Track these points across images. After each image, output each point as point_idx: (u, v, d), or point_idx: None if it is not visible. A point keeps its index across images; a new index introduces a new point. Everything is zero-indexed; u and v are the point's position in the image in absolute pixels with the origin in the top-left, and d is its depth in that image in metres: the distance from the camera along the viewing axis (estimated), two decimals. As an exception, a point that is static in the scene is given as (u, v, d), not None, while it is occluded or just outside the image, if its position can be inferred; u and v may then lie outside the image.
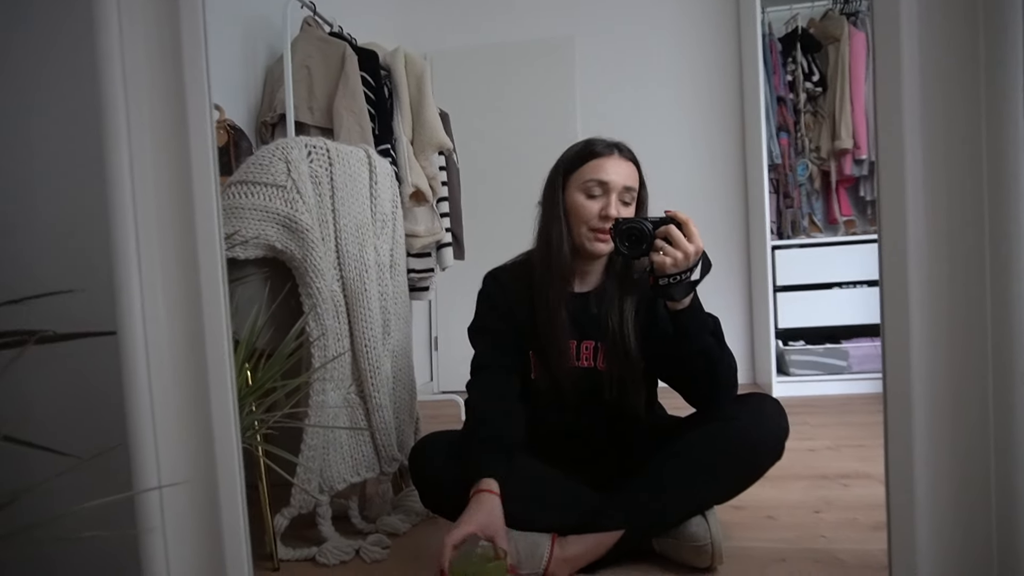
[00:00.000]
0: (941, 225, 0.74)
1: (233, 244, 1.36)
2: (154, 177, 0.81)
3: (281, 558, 1.45)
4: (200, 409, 0.77)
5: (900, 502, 0.76)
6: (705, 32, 3.59)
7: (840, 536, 1.44)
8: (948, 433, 0.74)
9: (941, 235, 0.74)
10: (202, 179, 0.79)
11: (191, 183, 0.80)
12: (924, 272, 0.74)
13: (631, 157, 1.43)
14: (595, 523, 1.31)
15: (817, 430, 2.44)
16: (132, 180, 0.80)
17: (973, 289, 0.74)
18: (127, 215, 0.78)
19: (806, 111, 3.29)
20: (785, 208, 3.34)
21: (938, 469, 0.75)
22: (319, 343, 1.50)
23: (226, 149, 1.89)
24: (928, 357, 0.74)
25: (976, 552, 0.73)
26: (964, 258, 0.74)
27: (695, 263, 1.24)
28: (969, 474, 0.74)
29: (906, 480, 0.75)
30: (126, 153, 0.80)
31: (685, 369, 1.34)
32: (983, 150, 0.73)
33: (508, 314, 1.45)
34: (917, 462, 0.74)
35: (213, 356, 0.76)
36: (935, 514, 0.74)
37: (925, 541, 0.74)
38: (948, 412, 0.74)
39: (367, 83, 2.33)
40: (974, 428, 0.74)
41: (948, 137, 0.74)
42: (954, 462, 0.74)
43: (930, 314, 0.74)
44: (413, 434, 1.81)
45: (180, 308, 0.77)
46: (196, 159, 0.79)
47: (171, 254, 0.78)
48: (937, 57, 0.74)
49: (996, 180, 0.72)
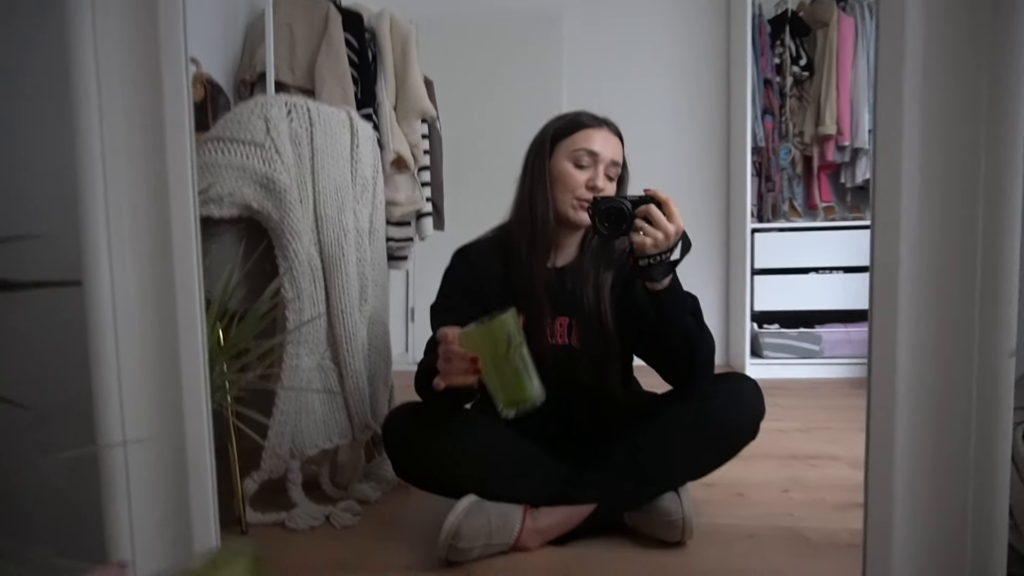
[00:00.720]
0: (935, 210, 0.74)
1: (207, 200, 1.32)
2: (125, 123, 0.77)
3: (249, 522, 1.43)
4: (169, 364, 0.75)
5: (878, 485, 0.76)
6: (694, 11, 3.56)
7: (807, 515, 1.46)
8: (930, 418, 0.74)
9: (934, 220, 0.74)
10: (175, 127, 0.76)
11: (164, 130, 0.76)
12: (915, 256, 0.74)
13: (618, 133, 1.42)
14: (568, 496, 1.31)
15: (788, 412, 2.47)
16: (101, 125, 0.76)
17: (964, 275, 0.73)
18: (95, 161, 0.74)
19: (792, 95, 3.29)
20: (766, 192, 3.35)
21: (919, 454, 0.75)
22: (293, 306, 1.47)
23: (203, 104, 1.83)
24: (914, 341, 0.73)
25: (951, 535, 0.74)
26: (956, 244, 0.73)
27: (675, 243, 1.22)
28: (949, 459, 0.74)
29: (885, 464, 0.75)
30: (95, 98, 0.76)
31: (663, 348, 1.33)
32: (982, 136, 0.72)
33: (476, 292, 1.41)
34: (898, 446, 0.74)
35: (183, 309, 0.74)
36: (913, 496, 0.74)
37: (902, 523, 0.74)
38: (932, 396, 0.74)
39: (351, 45, 2.27)
40: (956, 413, 0.74)
41: (947, 121, 0.73)
42: (935, 444, 0.74)
43: (918, 299, 0.74)
44: (387, 403, 1.79)
45: (150, 260, 0.74)
46: (169, 105, 0.76)
47: (141, 204, 0.74)
48: (941, 38, 0.73)
49: (993, 167, 0.71)
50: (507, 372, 1.09)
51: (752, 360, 3.23)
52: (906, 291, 0.72)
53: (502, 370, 1.09)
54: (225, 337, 1.30)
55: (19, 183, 0.88)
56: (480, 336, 1.09)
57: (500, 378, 1.09)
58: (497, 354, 1.08)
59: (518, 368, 1.09)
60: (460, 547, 1.22)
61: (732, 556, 1.26)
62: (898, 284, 0.71)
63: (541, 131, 1.44)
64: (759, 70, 3.25)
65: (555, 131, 1.40)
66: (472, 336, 1.10)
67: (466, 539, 1.22)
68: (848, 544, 1.30)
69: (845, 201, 3.41)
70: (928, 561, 0.73)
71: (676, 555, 1.27)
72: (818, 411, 2.50)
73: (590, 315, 1.38)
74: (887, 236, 0.72)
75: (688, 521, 1.27)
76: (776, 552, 1.28)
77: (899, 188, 0.72)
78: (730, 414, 1.33)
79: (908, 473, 0.73)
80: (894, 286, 0.72)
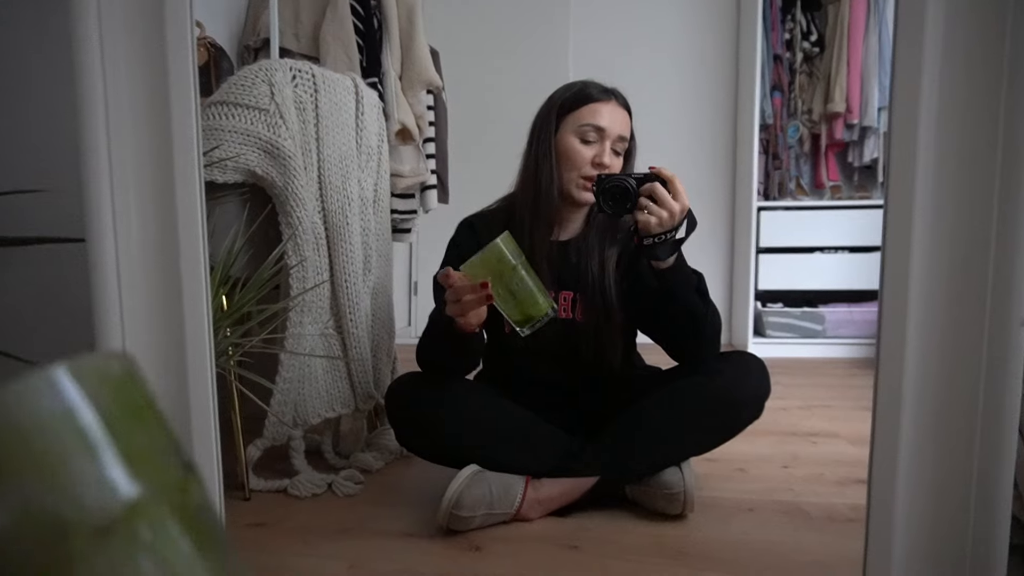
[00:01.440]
0: (950, 190, 0.72)
1: (210, 164, 1.31)
2: (128, 81, 0.76)
3: (252, 488, 1.44)
4: (173, 326, 0.74)
5: (883, 456, 0.76)
6: (705, -16, 3.50)
7: (807, 490, 1.46)
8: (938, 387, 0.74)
9: (949, 200, 0.72)
10: (179, 86, 0.74)
11: (168, 89, 0.75)
12: (927, 236, 0.72)
13: (625, 105, 1.39)
14: (570, 468, 1.31)
15: (789, 390, 2.47)
16: (104, 83, 0.75)
17: (976, 256, 0.72)
18: (98, 120, 0.73)
19: (801, 71, 3.25)
20: (773, 170, 3.32)
21: (924, 423, 0.74)
22: (297, 273, 1.46)
23: (206, 68, 1.81)
24: (925, 310, 0.73)
25: (954, 506, 0.74)
26: (969, 214, 0.72)
27: (680, 222, 1.21)
28: (954, 429, 0.74)
29: (891, 434, 0.75)
30: (98, 56, 0.75)
31: (669, 325, 1.33)
32: (1000, 115, 0.71)
33: None
34: (904, 415, 0.73)
35: (187, 270, 0.73)
36: (917, 467, 0.74)
37: (905, 493, 0.74)
38: (940, 364, 0.73)
39: (356, 12, 2.24)
40: (964, 381, 0.73)
41: (965, 94, 0.72)
42: (940, 416, 0.74)
43: (929, 279, 0.73)
44: (390, 374, 1.79)
45: (154, 219, 0.73)
46: (173, 64, 0.74)
47: (145, 162, 0.73)
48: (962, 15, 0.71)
49: (1011, 147, 0.70)
50: (516, 290, 1.12)
51: (755, 339, 3.23)
52: (919, 259, 0.71)
53: (511, 289, 1.12)
54: (228, 302, 1.30)
55: (23, 139, 0.87)
56: (481, 264, 1.11)
57: (512, 298, 1.12)
58: (503, 275, 1.11)
59: (526, 284, 1.12)
60: (461, 515, 1.22)
61: (731, 529, 1.27)
62: (911, 253, 0.71)
63: (547, 102, 1.41)
64: (769, 45, 3.21)
65: (561, 104, 1.38)
66: (474, 266, 1.12)
67: (467, 508, 1.22)
68: (847, 519, 1.30)
69: (852, 180, 3.39)
70: (931, 532, 0.73)
71: (676, 527, 1.27)
72: (820, 390, 2.50)
73: (594, 289, 1.37)
74: (901, 206, 0.71)
75: (689, 494, 1.28)
76: (775, 525, 1.28)
77: (914, 161, 0.70)
78: (735, 391, 1.33)
79: (913, 443, 0.73)
80: (906, 254, 0.71)
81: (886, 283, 0.74)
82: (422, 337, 1.33)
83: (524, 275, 1.12)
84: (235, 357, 1.23)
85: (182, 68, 0.72)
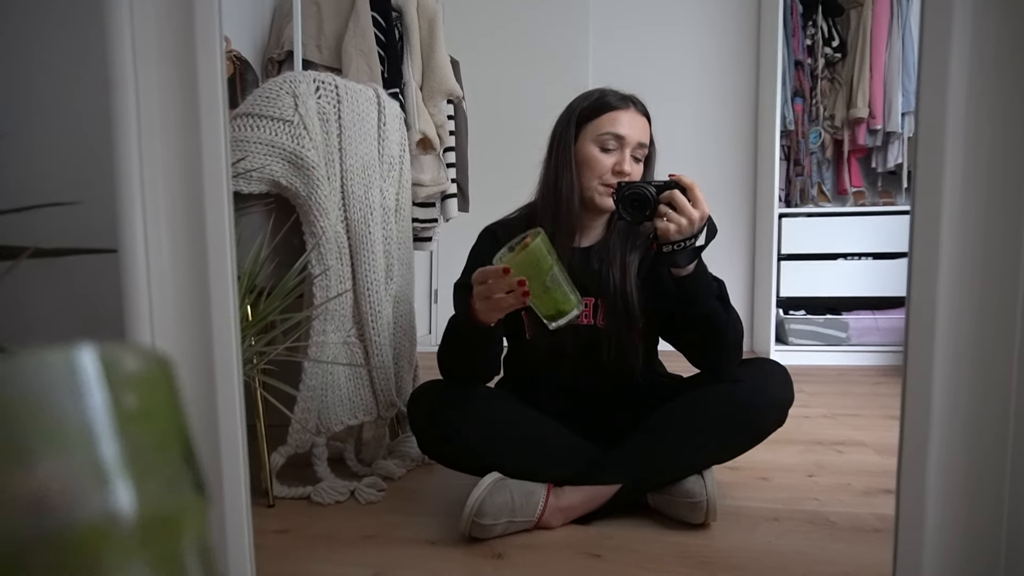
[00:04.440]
0: (979, 196, 0.72)
1: (236, 175, 1.33)
2: (159, 96, 0.78)
3: (276, 495, 1.46)
4: (202, 335, 0.76)
5: (911, 469, 0.75)
6: (725, -10, 3.50)
7: (832, 499, 1.45)
8: (966, 407, 0.73)
9: (979, 206, 0.72)
10: (209, 99, 0.76)
11: (198, 103, 0.77)
12: (956, 243, 0.72)
13: (644, 112, 1.39)
14: (592, 476, 1.31)
15: (813, 398, 2.45)
16: (137, 98, 0.77)
17: (1007, 265, 0.71)
18: (131, 133, 0.75)
19: (823, 77, 3.23)
20: (795, 176, 3.30)
21: (954, 438, 0.74)
22: (320, 282, 1.48)
23: (232, 81, 1.84)
24: (952, 324, 0.72)
25: (986, 521, 0.72)
26: (1000, 232, 0.71)
27: (700, 229, 1.21)
28: (985, 443, 0.73)
29: (919, 448, 0.74)
30: (131, 72, 0.77)
31: (690, 333, 1.33)
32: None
33: None
34: (933, 430, 0.72)
35: (216, 281, 0.74)
36: (946, 482, 0.73)
37: (935, 508, 0.73)
38: (968, 385, 0.72)
39: (377, 24, 2.27)
40: (994, 403, 0.72)
41: (995, 103, 0.71)
42: (970, 437, 0.73)
43: (958, 287, 0.72)
44: (412, 381, 1.81)
45: (184, 230, 0.74)
46: (203, 78, 0.76)
47: (175, 174, 0.75)
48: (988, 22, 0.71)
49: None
50: (551, 286, 1.13)
51: (777, 346, 3.20)
52: (946, 265, 0.70)
53: (546, 285, 1.13)
54: (253, 312, 1.32)
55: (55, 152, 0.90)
56: (522, 262, 1.12)
57: (545, 293, 1.13)
58: (541, 272, 1.12)
59: (559, 280, 1.13)
60: (483, 523, 1.22)
61: (755, 538, 1.26)
62: (939, 259, 0.70)
63: (566, 111, 1.42)
64: (790, 51, 3.19)
65: (580, 112, 1.38)
66: (515, 263, 1.12)
67: (489, 515, 1.22)
68: (874, 529, 1.29)
69: (876, 186, 3.35)
70: (962, 544, 0.72)
71: (699, 536, 1.26)
72: (844, 398, 2.47)
73: (615, 296, 1.37)
74: (928, 220, 0.71)
75: (712, 503, 1.27)
76: (800, 535, 1.27)
77: (942, 172, 0.70)
78: (758, 399, 1.32)
79: (943, 454, 0.72)
80: (934, 260, 0.70)
81: (913, 290, 0.74)
82: (441, 343, 1.34)
83: (558, 272, 1.13)
84: (260, 365, 1.24)
85: (211, 85, 0.74)
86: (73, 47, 0.92)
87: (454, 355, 1.33)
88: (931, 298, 0.72)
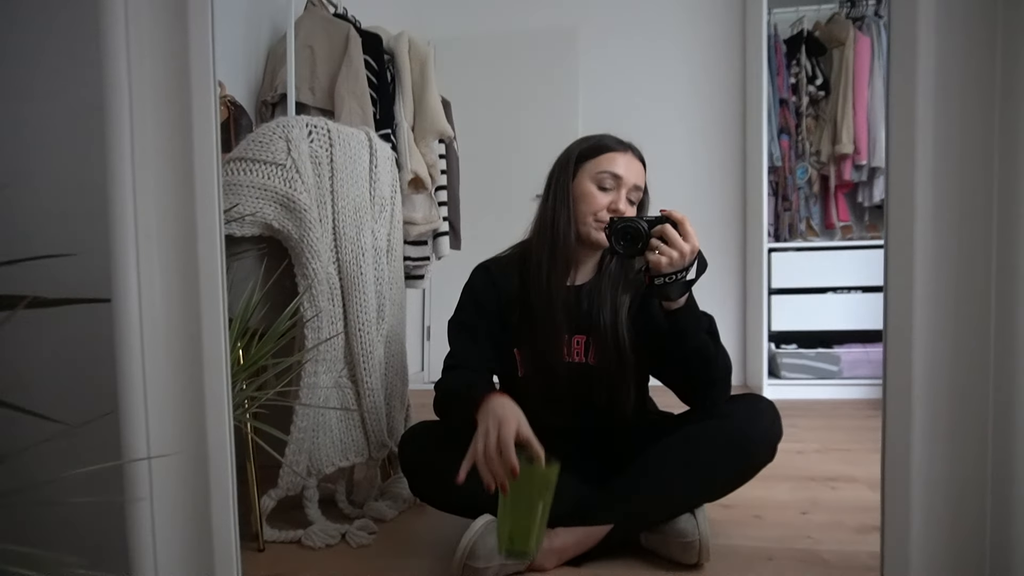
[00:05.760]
0: (949, 228, 0.74)
1: (229, 220, 1.35)
2: (154, 146, 0.79)
3: (267, 539, 1.44)
4: (193, 381, 0.76)
5: (895, 506, 0.75)
6: (710, 31, 3.59)
7: (826, 537, 1.44)
8: (946, 438, 0.74)
9: (949, 239, 0.74)
10: (203, 149, 0.78)
11: (192, 153, 0.78)
12: (930, 275, 0.74)
13: (641, 157, 1.43)
14: (585, 516, 1.31)
15: (806, 433, 2.45)
16: (132, 148, 0.78)
17: (978, 295, 0.73)
18: (125, 182, 0.77)
19: (808, 114, 3.29)
20: (783, 211, 3.34)
21: (934, 474, 0.75)
22: (312, 324, 1.49)
23: (226, 125, 1.87)
24: (930, 361, 0.73)
25: (968, 556, 0.73)
26: (970, 263, 0.74)
27: (691, 262, 1.23)
28: (966, 480, 0.74)
29: (902, 484, 0.75)
30: (127, 122, 0.79)
31: (679, 367, 1.34)
32: (995, 156, 0.73)
33: (494, 308, 1.43)
34: (914, 466, 0.73)
35: (208, 328, 0.75)
36: (929, 519, 0.74)
37: (919, 545, 0.73)
38: (947, 417, 0.73)
39: (370, 66, 2.31)
40: (973, 434, 0.73)
41: (960, 139, 0.74)
42: (951, 467, 0.74)
43: (934, 318, 0.74)
44: (404, 421, 1.80)
45: (176, 279, 0.76)
46: (198, 128, 0.78)
47: (169, 224, 0.76)
48: (952, 58, 0.74)
49: (1007, 186, 0.72)
50: (525, 515, 1.10)
51: (770, 380, 3.21)
52: (921, 308, 0.72)
53: (521, 510, 1.10)
54: (245, 355, 1.32)
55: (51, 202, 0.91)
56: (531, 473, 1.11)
57: (514, 515, 1.11)
58: (530, 495, 1.10)
59: (536, 518, 1.11)
60: (476, 566, 1.21)
61: (750, 578, 1.25)
62: (913, 302, 0.72)
63: (566, 151, 1.45)
64: (775, 89, 3.26)
65: (580, 152, 1.42)
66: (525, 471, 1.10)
67: (482, 558, 1.22)
68: (867, 567, 1.28)
69: (863, 220, 3.40)
70: None
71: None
72: (837, 432, 2.47)
73: (606, 334, 1.38)
74: (901, 254, 0.73)
75: (704, 543, 1.26)
76: (794, 575, 1.26)
77: (913, 206, 0.72)
78: (747, 435, 1.32)
79: (925, 492, 0.72)
80: (909, 303, 0.72)
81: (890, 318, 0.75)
82: (440, 393, 1.35)
83: (540, 510, 1.11)
84: (251, 409, 1.24)
85: (205, 140, 0.76)
86: (69, 96, 0.94)
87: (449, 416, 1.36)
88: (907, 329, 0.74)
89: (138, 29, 0.80)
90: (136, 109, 0.79)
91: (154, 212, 0.78)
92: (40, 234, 0.90)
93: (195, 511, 0.79)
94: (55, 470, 0.64)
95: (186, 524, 0.79)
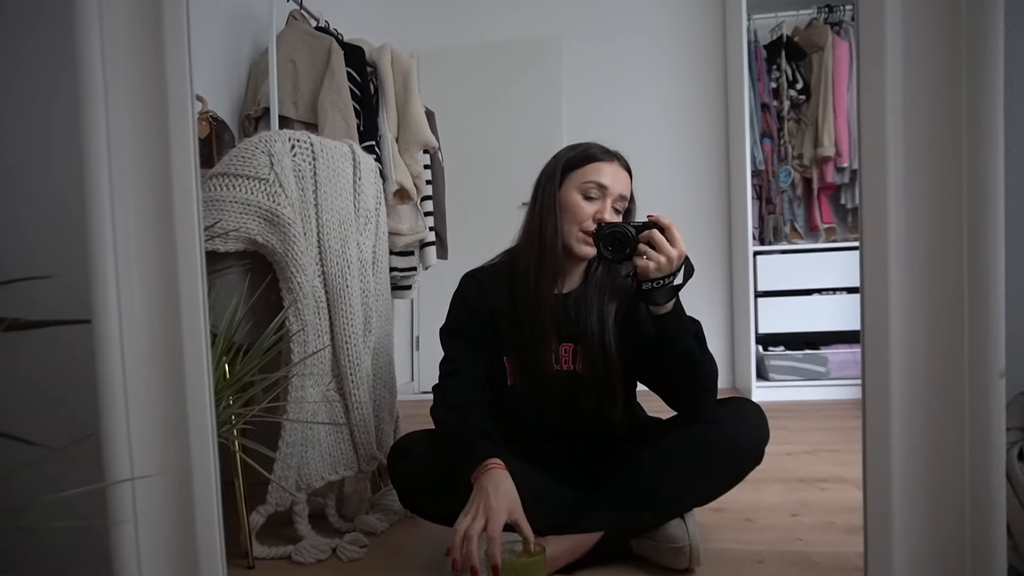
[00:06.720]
0: (922, 231, 0.75)
1: (213, 236, 1.34)
2: (133, 164, 0.79)
3: (256, 556, 1.43)
4: (175, 401, 0.76)
5: (877, 506, 0.76)
6: (691, 37, 3.62)
7: (816, 539, 1.45)
8: (925, 437, 0.75)
9: (921, 240, 0.75)
10: (182, 166, 0.78)
11: (170, 171, 0.78)
12: (904, 277, 0.75)
13: (627, 167, 1.44)
14: (575, 523, 1.30)
15: (795, 434, 2.46)
16: (110, 167, 0.78)
17: (951, 295, 0.74)
18: (104, 201, 0.76)
19: (789, 118, 3.32)
20: (767, 214, 3.37)
21: (915, 473, 0.75)
22: (299, 338, 1.48)
23: (208, 141, 1.86)
24: (907, 361, 0.74)
25: (950, 555, 0.74)
26: (943, 264, 0.75)
27: (678, 267, 1.24)
28: (945, 478, 0.75)
29: (883, 484, 0.75)
30: (104, 140, 0.79)
31: (666, 373, 1.34)
32: (963, 158, 0.74)
33: (485, 317, 1.43)
34: (894, 466, 0.74)
35: (190, 346, 0.75)
36: (911, 518, 0.75)
37: (901, 544, 0.74)
38: (925, 416, 0.74)
39: (353, 79, 2.31)
40: (950, 432, 0.74)
41: (930, 145, 0.75)
42: (930, 466, 0.75)
43: (909, 319, 0.75)
44: (393, 433, 1.80)
45: (157, 297, 0.75)
46: (176, 145, 0.78)
47: (148, 242, 0.76)
48: (920, 65, 0.75)
49: (975, 189, 0.73)
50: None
51: (758, 383, 3.22)
52: (896, 317, 0.73)
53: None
54: (231, 371, 1.31)
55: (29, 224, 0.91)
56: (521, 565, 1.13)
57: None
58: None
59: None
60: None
61: (741, 582, 1.25)
62: (888, 311, 0.72)
63: (552, 160, 1.46)
64: (756, 94, 3.29)
65: (566, 161, 1.42)
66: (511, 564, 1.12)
67: (473, 569, 1.21)
68: (856, 567, 1.29)
69: (846, 222, 3.43)
70: None
71: (684, 582, 1.26)
72: (826, 433, 2.49)
73: (594, 342, 1.39)
74: (875, 262, 0.74)
75: (695, 548, 1.27)
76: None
77: (886, 213, 0.73)
78: (735, 439, 1.33)
79: (905, 495, 0.73)
80: (884, 313, 0.73)
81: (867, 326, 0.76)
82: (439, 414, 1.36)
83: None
84: (237, 426, 1.24)
85: (183, 157, 0.76)
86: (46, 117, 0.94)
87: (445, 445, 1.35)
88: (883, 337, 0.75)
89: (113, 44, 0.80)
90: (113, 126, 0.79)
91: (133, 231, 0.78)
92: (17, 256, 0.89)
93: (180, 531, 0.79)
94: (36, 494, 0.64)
95: (171, 545, 0.79)
